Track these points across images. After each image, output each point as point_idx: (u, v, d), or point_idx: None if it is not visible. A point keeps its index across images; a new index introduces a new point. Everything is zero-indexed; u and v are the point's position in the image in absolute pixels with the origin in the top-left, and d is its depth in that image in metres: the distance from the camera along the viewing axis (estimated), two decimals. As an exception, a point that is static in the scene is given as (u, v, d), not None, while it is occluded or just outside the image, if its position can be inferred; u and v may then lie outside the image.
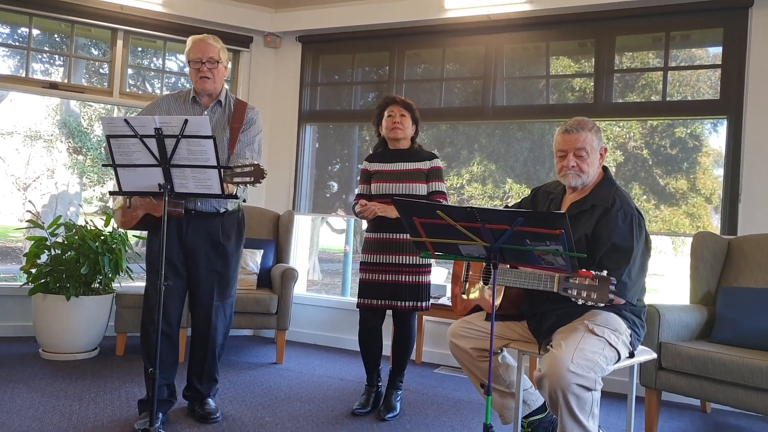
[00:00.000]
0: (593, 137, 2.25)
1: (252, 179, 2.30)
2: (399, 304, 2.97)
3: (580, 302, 1.80)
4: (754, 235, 3.37)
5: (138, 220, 2.61)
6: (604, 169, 2.34)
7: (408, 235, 2.08)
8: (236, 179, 2.31)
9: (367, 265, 3.05)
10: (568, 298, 1.86)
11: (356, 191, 3.23)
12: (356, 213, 3.06)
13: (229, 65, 2.83)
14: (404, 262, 2.98)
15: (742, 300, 3.06)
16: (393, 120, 3.04)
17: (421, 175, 3.03)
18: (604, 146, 2.32)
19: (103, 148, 2.67)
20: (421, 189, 3.01)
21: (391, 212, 2.92)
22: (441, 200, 2.99)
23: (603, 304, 1.78)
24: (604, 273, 1.78)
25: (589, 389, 1.96)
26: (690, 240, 3.46)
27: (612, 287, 1.75)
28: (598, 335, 2.06)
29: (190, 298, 2.82)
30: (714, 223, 4.24)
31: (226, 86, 2.88)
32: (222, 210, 2.74)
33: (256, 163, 2.34)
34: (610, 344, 2.07)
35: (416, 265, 2.99)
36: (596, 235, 2.17)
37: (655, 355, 2.44)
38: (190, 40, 2.75)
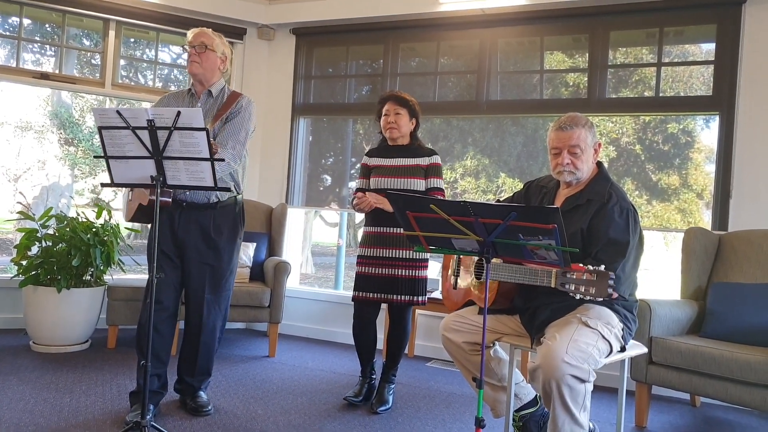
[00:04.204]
0: (587, 133, 2.26)
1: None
2: (395, 298, 2.97)
3: (578, 297, 1.80)
4: (745, 231, 3.39)
5: (134, 211, 2.62)
6: (599, 164, 2.35)
7: None
8: None
9: (364, 259, 3.05)
10: (560, 292, 1.86)
11: (355, 185, 3.22)
12: (354, 206, 3.06)
13: (227, 60, 2.83)
14: (401, 256, 2.98)
15: (733, 295, 3.09)
16: (387, 119, 3.05)
17: (419, 170, 3.02)
18: (598, 141, 2.32)
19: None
20: (419, 185, 3.01)
21: (388, 205, 2.92)
22: (439, 197, 2.99)
23: (601, 299, 1.78)
24: (602, 267, 1.78)
25: (582, 381, 1.98)
26: (681, 235, 3.49)
27: (611, 282, 1.76)
28: (591, 327, 2.07)
29: (184, 291, 2.82)
30: (705, 219, 4.28)
31: (223, 80, 2.87)
32: (214, 200, 2.73)
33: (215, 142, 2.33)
34: (603, 337, 2.08)
35: (413, 259, 2.99)
36: (592, 230, 2.18)
37: (645, 350, 2.46)
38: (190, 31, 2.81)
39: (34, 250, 3.85)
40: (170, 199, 2.53)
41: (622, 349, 2.22)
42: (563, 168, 2.26)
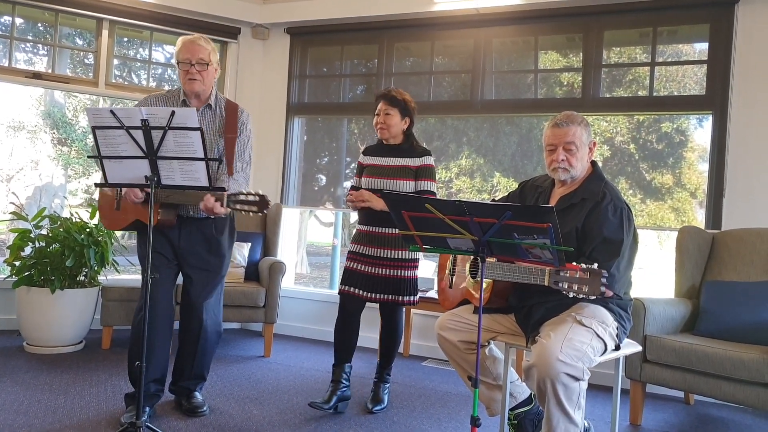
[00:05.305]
0: (582, 131, 2.27)
1: (257, 209, 2.33)
2: (377, 297, 2.97)
3: (571, 295, 1.81)
4: (738, 230, 3.41)
5: (128, 224, 2.62)
6: (593, 163, 2.36)
7: (397, 230, 2.08)
8: (237, 206, 2.35)
9: (353, 255, 3.06)
10: (555, 291, 1.87)
11: (351, 183, 3.23)
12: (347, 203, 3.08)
13: (218, 67, 2.78)
14: (388, 256, 2.96)
15: (726, 293, 3.11)
16: (378, 119, 3.03)
17: (408, 172, 2.99)
18: (593, 140, 2.34)
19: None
20: (407, 186, 2.96)
21: (376, 203, 2.91)
22: None
23: (594, 297, 1.79)
24: (595, 266, 1.79)
25: (577, 379, 1.99)
26: (675, 234, 3.50)
27: (603, 280, 1.77)
28: (586, 326, 2.08)
29: (181, 296, 2.81)
30: (699, 218, 4.29)
31: (215, 87, 2.83)
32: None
33: (263, 194, 2.35)
34: (598, 335, 2.09)
35: (400, 259, 2.97)
36: (586, 229, 2.19)
37: (640, 348, 2.46)
38: (180, 40, 2.68)
39: (28, 250, 3.83)
40: (174, 219, 2.56)
41: (617, 348, 2.23)
42: (558, 165, 2.27)
